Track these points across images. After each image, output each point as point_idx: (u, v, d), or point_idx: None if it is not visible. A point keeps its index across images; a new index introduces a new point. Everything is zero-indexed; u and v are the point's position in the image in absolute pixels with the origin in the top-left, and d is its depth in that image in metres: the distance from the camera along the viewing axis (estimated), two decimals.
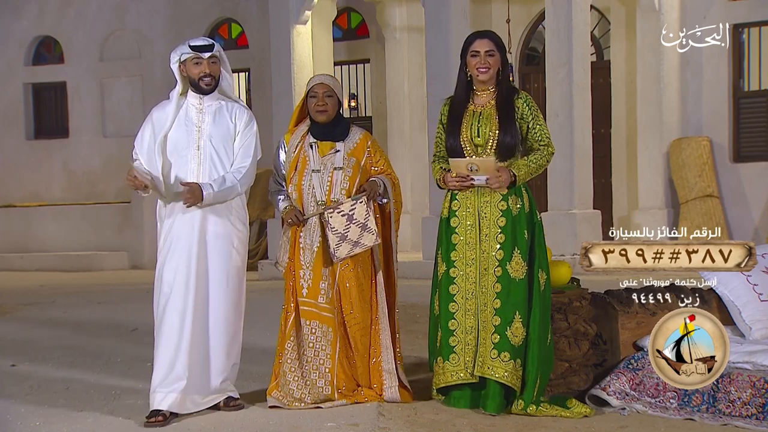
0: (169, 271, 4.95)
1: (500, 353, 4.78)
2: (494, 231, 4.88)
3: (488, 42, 4.95)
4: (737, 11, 11.81)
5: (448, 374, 4.90)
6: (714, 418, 4.64)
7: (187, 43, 5.03)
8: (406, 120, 13.53)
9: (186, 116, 5.04)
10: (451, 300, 4.92)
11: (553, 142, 5.13)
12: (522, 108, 4.95)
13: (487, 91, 4.98)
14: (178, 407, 4.87)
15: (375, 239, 5.12)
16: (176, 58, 5.04)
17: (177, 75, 5.07)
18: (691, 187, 11.60)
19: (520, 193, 4.93)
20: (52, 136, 16.35)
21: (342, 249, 5.07)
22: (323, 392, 5.08)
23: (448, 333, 4.91)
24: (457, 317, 4.90)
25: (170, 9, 15.34)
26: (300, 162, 5.21)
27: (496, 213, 4.89)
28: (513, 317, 4.80)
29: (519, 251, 4.85)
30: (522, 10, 13.18)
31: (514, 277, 4.83)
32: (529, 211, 4.94)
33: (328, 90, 5.18)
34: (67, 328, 8.30)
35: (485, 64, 4.92)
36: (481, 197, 4.92)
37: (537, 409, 4.76)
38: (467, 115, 4.97)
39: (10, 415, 5.10)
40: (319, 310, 5.11)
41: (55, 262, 14.99)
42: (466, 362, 4.86)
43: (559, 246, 9.86)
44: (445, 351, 4.91)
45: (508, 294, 4.82)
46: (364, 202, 5.09)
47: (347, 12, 14.42)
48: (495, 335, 4.80)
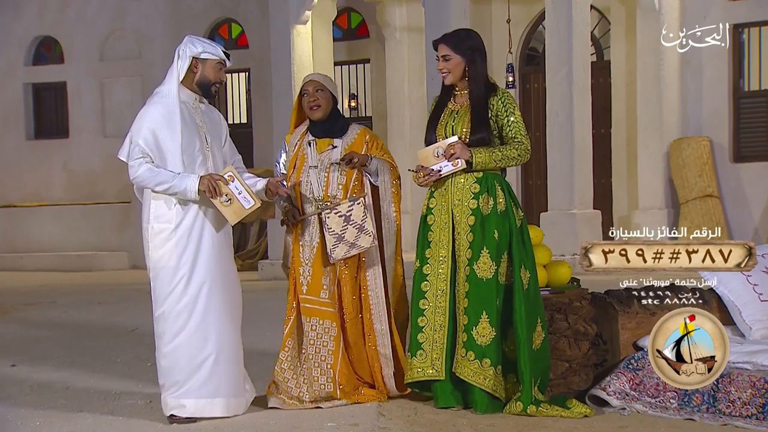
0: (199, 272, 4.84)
1: (467, 353, 4.79)
2: (465, 230, 4.90)
3: (443, 47, 4.98)
4: (737, 11, 11.81)
5: (414, 370, 4.92)
6: (714, 418, 4.64)
7: (217, 46, 4.91)
8: (406, 120, 13.54)
9: (189, 117, 4.89)
10: (422, 297, 4.95)
11: (553, 142, 5.14)
12: (497, 106, 4.96)
13: (464, 90, 5.02)
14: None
15: (372, 241, 5.11)
16: (196, 51, 4.83)
17: (184, 66, 4.85)
18: (691, 187, 11.60)
19: (494, 192, 4.91)
20: (52, 136, 16.35)
21: (339, 250, 5.07)
22: (325, 389, 5.07)
23: (417, 329, 4.94)
24: (426, 314, 4.92)
25: (170, 9, 15.34)
26: (298, 159, 5.24)
27: (466, 212, 4.91)
28: (479, 317, 4.79)
29: (488, 251, 4.84)
30: (522, 10, 13.18)
31: (482, 276, 4.82)
32: (505, 210, 4.90)
33: (317, 85, 5.19)
34: (67, 328, 8.30)
35: (443, 68, 4.98)
36: (453, 196, 4.94)
37: (537, 410, 4.75)
38: (445, 113, 5.04)
39: (10, 416, 5.10)
40: (320, 306, 5.12)
41: (55, 262, 15.00)
42: (433, 359, 4.87)
43: (559, 246, 9.86)
44: (413, 347, 4.94)
45: (476, 294, 4.82)
46: (362, 204, 5.09)
47: (347, 12, 14.43)
48: (464, 334, 4.82)
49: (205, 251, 4.84)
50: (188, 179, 4.73)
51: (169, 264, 4.83)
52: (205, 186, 4.72)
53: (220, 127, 5.06)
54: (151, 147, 4.79)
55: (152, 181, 4.76)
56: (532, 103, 13.17)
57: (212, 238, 4.87)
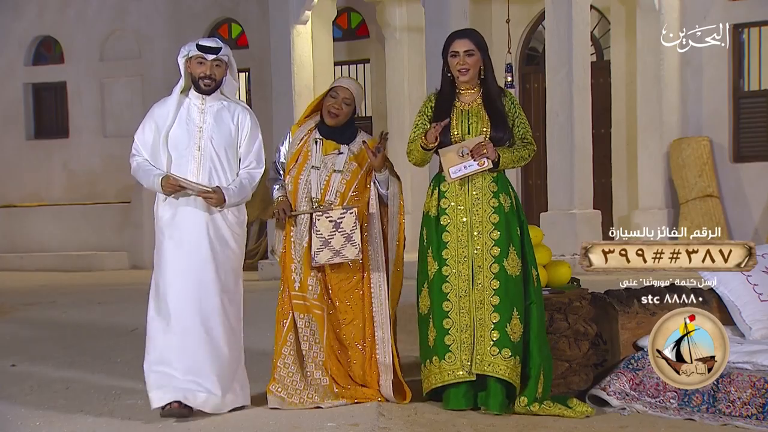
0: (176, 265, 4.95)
1: (501, 350, 4.78)
2: (488, 228, 4.89)
3: (467, 42, 4.96)
4: (737, 11, 11.80)
5: (444, 373, 4.89)
6: (714, 418, 4.64)
7: (197, 42, 5.05)
8: (406, 120, 13.52)
9: (188, 115, 5.03)
10: (445, 298, 4.92)
11: (553, 142, 5.19)
12: (508, 106, 5.01)
13: (472, 89, 5.00)
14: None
15: (357, 254, 5.06)
16: (184, 53, 5.05)
17: (182, 70, 5.08)
18: (691, 187, 11.60)
19: (508, 191, 4.96)
20: (52, 136, 16.34)
21: (322, 255, 5.06)
22: (321, 383, 5.08)
23: (443, 332, 4.90)
24: (451, 315, 4.90)
25: (170, 9, 15.33)
26: (302, 155, 5.21)
27: (488, 210, 4.90)
28: (512, 314, 4.81)
29: (514, 248, 4.87)
30: (522, 10, 13.17)
31: (511, 273, 4.84)
32: (516, 209, 4.97)
33: (348, 98, 5.19)
34: (67, 328, 8.30)
35: (465, 65, 4.95)
36: (471, 194, 4.93)
37: (540, 407, 4.76)
38: (455, 113, 4.99)
39: (10, 415, 5.10)
40: (311, 304, 5.13)
41: (55, 262, 14.98)
42: (462, 360, 4.85)
43: (559, 246, 9.84)
44: (440, 350, 4.90)
45: (507, 290, 4.82)
46: (354, 214, 5.06)
47: (347, 12, 14.42)
48: (495, 332, 4.79)
49: (186, 244, 4.93)
50: (156, 179, 4.96)
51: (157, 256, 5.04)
52: (166, 190, 4.93)
53: (228, 129, 5.05)
54: (143, 143, 5.07)
55: (138, 178, 5.08)
56: (532, 103, 13.16)
57: (195, 231, 4.94)
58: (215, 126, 5.02)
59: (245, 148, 5.10)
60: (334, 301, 5.16)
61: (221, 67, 5.04)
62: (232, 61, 5.12)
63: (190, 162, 4.98)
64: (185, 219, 4.95)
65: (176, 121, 5.02)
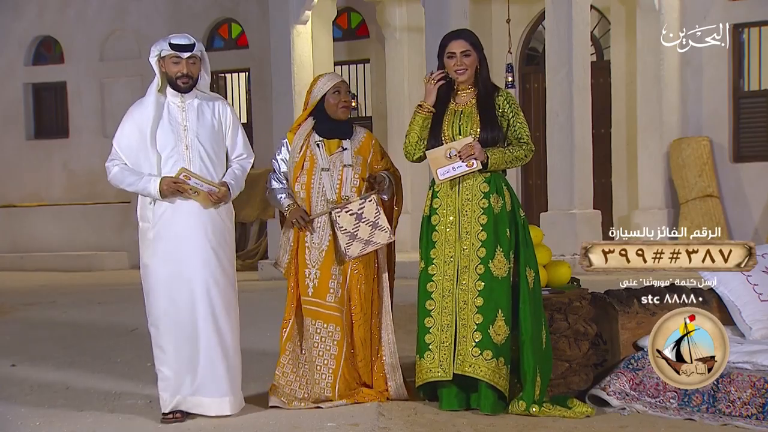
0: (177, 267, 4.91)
1: (482, 351, 4.77)
2: (476, 229, 4.87)
3: (463, 42, 4.95)
4: (737, 11, 11.81)
5: (424, 372, 4.90)
6: (714, 418, 4.64)
7: (168, 40, 4.95)
8: (406, 120, 13.38)
9: (169, 115, 4.95)
10: (429, 297, 4.92)
11: (553, 142, 5.17)
12: (503, 105, 4.97)
13: (468, 90, 4.99)
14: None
15: (389, 237, 5.10)
16: (156, 52, 4.95)
17: (156, 70, 4.98)
18: (691, 187, 11.60)
19: (502, 192, 4.93)
20: (52, 136, 16.34)
21: (353, 248, 5.05)
22: (324, 393, 5.08)
23: (424, 330, 4.91)
24: (433, 315, 4.90)
25: (170, 9, 15.34)
26: (308, 161, 5.17)
27: (477, 211, 4.89)
28: (496, 315, 4.79)
29: (501, 249, 4.85)
30: (522, 10, 13.17)
31: (497, 275, 4.83)
32: (512, 210, 4.94)
33: (347, 88, 5.23)
34: (67, 328, 8.30)
35: (462, 65, 4.94)
36: (462, 195, 4.92)
37: (540, 410, 4.76)
38: (448, 113, 4.99)
39: (10, 415, 5.10)
40: (325, 309, 5.09)
41: (55, 262, 14.98)
42: (440, 360, 4.85)
43: (559, 246, 9.85)
44: (421, 349, 4.92)
45: (491, 292, 4.80)
46: (373, 201, 5.07)
47: (347, 12, 14.42)
48: (477, 333, 4.78)
49: (184, 249, 4.87)
50: (150, 182, 4.86)
51: (151, 262, 4.92)
52: (165, 192, 4.83)
53: (211, 124, 5.00)
54: (123, 148, 4.95)
55: (123, 182, 4.95)
56: (532, 103, 13.16)
57: (191, 235, 4.89)
58: (198, 122, 4.97)
59: (231, 140, 5.07)
60: (353, 303, 5.13)
61: (196, 65, 4.97)
62: (205, 55, 5.03)
63: (180, 162, 4.91)
64: (184, 218, 4.90)
65: (159, 124, 4.92)
